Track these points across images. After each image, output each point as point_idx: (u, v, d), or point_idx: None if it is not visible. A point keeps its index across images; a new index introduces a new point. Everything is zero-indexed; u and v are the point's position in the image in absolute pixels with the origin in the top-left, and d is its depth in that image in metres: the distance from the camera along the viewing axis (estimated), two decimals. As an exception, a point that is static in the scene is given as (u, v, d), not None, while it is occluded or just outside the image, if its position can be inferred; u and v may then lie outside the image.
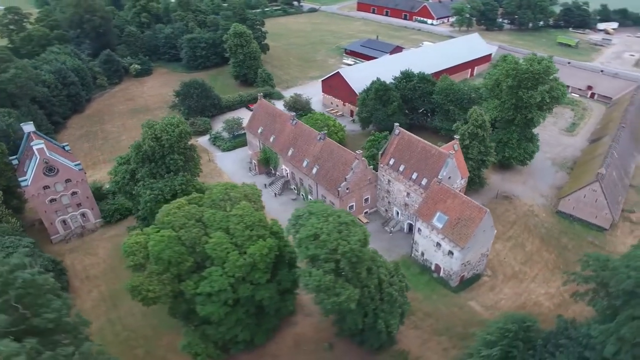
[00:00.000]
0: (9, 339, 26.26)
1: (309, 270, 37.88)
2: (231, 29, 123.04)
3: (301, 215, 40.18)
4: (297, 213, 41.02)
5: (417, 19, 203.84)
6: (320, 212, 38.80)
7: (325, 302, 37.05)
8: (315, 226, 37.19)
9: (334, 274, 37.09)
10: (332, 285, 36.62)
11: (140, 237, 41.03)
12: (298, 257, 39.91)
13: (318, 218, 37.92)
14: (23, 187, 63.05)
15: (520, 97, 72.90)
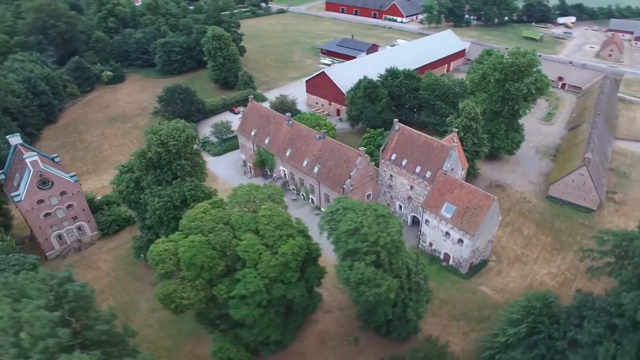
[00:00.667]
0: (78, 352, 25.72)
1: (348, 264, 38.92)
2: (209, 31, 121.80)
3: (335, 211, 41.15)
4: (331, 209, 41.93)
5: (386, 17, 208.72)
6: (356, 206, 39.96)
7: (368, 294, 38.21)
8: (355, 220, 38.32)
9: (374, 265, 38.35)
10: (374, 277, 37.86)
11: (169, 244, 40.63)
12: (335, 252, 40.76)
13: (356, 212, 39.07)
14: (16, 203, 60.30)
15: (507, 90, 76.88)
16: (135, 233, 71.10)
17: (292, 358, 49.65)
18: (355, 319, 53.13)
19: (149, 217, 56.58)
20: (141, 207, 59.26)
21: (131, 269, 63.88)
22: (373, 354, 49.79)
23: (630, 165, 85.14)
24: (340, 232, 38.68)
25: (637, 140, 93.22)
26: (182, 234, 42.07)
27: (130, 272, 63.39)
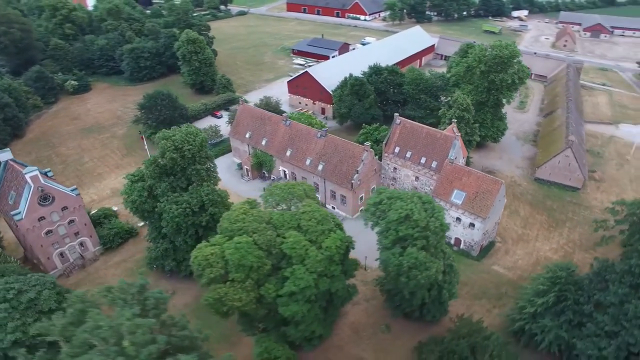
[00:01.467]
0: (171, 358, 25.92)
1: (398, 250, 40.86)
2: (183, 35, 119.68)
3: (379, 202, 42.92)
4: (374, 201, 43.64)
5: (349, 15, 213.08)
6: (402, 195, 42.03)
7: (419, 277, 40.34)
8: (405, 208, 40.34)
9: (423, 250, 40.59)
10: (425, 260, 40.05)
11: (215, 248, 40.75)
12: (382, 241, 42.49)
13: (404, 200, 41.06)
14: (16, 222, 57.34)
15: (492, 80, 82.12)
16: (140, 245, 69.82)
17: (331, 351, 51.02)
18: (384, 308, 55.37)
19: (166, 226, 55.73)
20: (154, 216, 58.21)
21: (151, 284, 62.20)
22: (408, 339, 52.17)
23: (602, 146, 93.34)
24: (391, 221, 40.61)
25: (604, 123, 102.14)
26: (223, 237, 42.30)
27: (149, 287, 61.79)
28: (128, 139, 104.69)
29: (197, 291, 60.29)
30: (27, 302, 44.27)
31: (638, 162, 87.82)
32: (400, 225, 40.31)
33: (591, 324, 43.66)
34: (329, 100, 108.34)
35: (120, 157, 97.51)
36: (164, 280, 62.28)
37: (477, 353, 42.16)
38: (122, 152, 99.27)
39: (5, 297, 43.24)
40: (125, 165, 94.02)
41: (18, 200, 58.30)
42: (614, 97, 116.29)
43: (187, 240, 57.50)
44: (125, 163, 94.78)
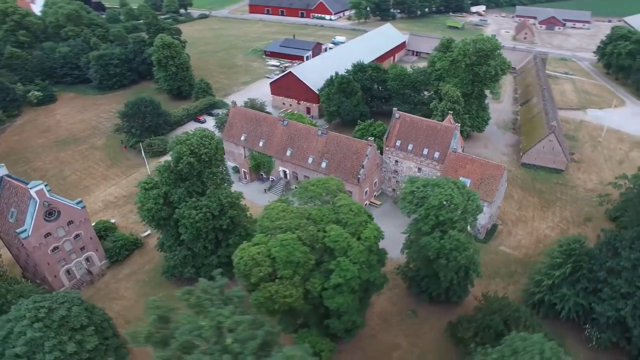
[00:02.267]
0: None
1: (438, 235, 43.34)
2: (157, 40, 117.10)
3: (415, 190, 45.18)
4: (410, 189, 45.77)
5: (314, 15, 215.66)
6: (438, 182, 44.55)
7: (459, 258, 43.03)
8: (444, 193, 42.84)
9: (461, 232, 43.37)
10: (465, 241, 42.74)
11: (260, 247, 41.44)
12: (422, 227, 44.67)
13: (442, 187, 43.53)
14: (22, 240, 54.95)
15: (476, 73, 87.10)
16: (148, 255, 68.63)
17: (365, 340, 52.92)
18: (407, 295, 58.02)
19: (185, 232, 55.40)
20: (170, 224, 57.65)
21: (162, 292, 61.30)
22: (435, 321, 55.04)
23: (576, 130, 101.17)
24: (431, 207, 43.00)
25: (573, 109, 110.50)
26: (265, 236, 43.09)
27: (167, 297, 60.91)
28: (109, 149, 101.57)
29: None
30: (59, 320, 42.99)
31: (609, 143, 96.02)
32: (440, 210, 42.89)
33: (607, 288, 48.24)
34: (314, 100, 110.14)
35: (105, 168, 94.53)
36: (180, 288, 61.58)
37: (511, 325, 45.49)
38: (106, 163, 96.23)
39: (37, 317, 41.80)
40: (112, 176, 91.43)
41: (21, 217, 56.00)
42: (577, 85, 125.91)
43: (206, 245, 57.48)
44: (111, 174, 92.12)
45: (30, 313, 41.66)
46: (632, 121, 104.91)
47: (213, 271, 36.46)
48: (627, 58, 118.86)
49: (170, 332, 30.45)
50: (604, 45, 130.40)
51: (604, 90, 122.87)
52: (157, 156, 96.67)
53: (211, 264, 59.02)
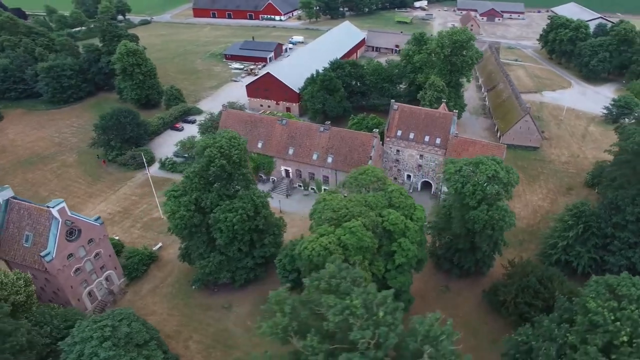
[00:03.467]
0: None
1: (484, 207, 47.79)
2: (120, 48, 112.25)
3: (460, 169, 49.15)
4: (454, 169, 49.57)
5: (264, 17, 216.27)
6: (479, 160, 48.97)
7: (505, 226, 48.00)
8: (491, 169, 47.24)
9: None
10: (509, 212, 47.79)
11: (330, 237, 43.30)
12: (469, 202, 48.66)
13: (485, 164, 47.85)
14: (47, 264, 52.06)
15: (454, 63, 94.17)
16: (166, 268, 67.27)
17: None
18: (436, 272, 62.53)
19: (221, 236, 55.48)
20: (201, 230, 57.37)
21: (194, 302, 61.04)
22: (469, 293, 59.95)
23: (539, 111, 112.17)
24: (478, 183, 47.29)
25: (531, 92, 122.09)
26: (329, 226, 45.05)
27: (195, 305, 60.60)
28: (85, 165, 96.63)
29: (252, 299, 61.15)
30: (125, 337, 42.06)
31: (570, 120, 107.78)
32: (487, 185, 47.36)
33: (616, 241, 55.72)
34: (294, 99, 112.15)
35: (86, 185, 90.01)
36: (216, 297, 61.59)
37: (546, 283, 51.27)
38: (87, 180, 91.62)
39: (104, 336, 40.58)
40: (98, 193, 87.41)
41: (40, 239, 53.14)
42: (528, 70, 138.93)
43: (241, 247, 57.94)
44: (96, 191, 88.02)
45: (96, 333, 40.42)
46: (582, 100, 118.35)
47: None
48: (568, 44, 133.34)
49: (306, 319, 31.72)
50: (546, 33, 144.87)
51: (551, 74, 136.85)
52: (142, 168, 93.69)
53: (246, 266, 59.70)
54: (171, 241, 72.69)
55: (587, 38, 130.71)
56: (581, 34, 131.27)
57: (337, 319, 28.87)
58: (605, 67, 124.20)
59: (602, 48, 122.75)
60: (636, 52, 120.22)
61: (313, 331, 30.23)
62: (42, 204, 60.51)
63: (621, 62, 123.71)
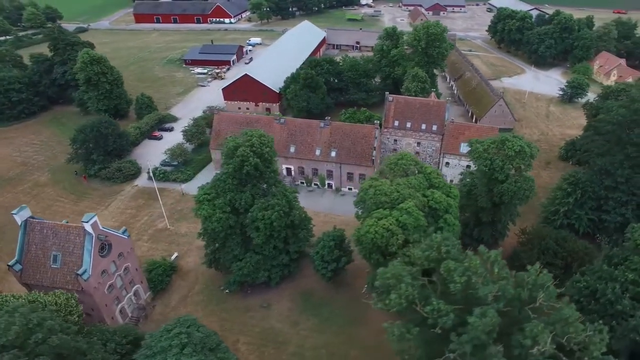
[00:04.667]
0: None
1: (513, 179, 53.04)
2: (82, 56, 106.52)
3: (487, 148, 53.80)
4: (480, 149, 53.92)
5: (213, 20, 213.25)
6: (502, 137, 54.15)
7: (530, 195, 53.96)
8: (518, 144, 52.33)
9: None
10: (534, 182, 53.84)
11: (388, 219, 46.08)
12: (498, 177, 53.43)
13: (510, 141, 52.88)
14: (84, 283, 49.97)
15: (430, 55, 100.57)
16: (189, 277, 66.43)
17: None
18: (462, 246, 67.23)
19: (258, 235, 56.21)
20: (236, 232, 57.70)
21: (229, 306, 61.10)
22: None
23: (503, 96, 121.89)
24: (506, 158, 52.28)
25: (491, 79, 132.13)
26: (379, 212, 47.85)
27: (232, 309, 60.71)
28: (63, 183, 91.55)
29: (289, 295, 62.48)
30: (200, 342, 42.09)
31: (532, 102, 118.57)
32: (513, 160, 52.48)
33: (611, 201, 63.71)
34: (274, 99, 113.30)
35: (72, 203, 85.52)
36: (250, 298, 61.99)
37: (563, 244, 57.74)
38: (70, 199, 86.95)
39: (182, 343, 40.41)
40: (87, 210, 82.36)
41: (70, 259, 50.98)
42: (484, 59, 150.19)
43: (277, 245, 59.01)
44: (85, 208, 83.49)
45: (174, 341, 40.19)
46: (537, 83, 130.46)
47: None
48: (516, 33, 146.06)
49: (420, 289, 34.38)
50: (494, 24, 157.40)
51: (505, 62, 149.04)
52: (129, 180, 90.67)
53: (281, 263, 60.76)
54: (186, 250, 71.90)
55: (533, 27, 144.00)
56: (527, 24, 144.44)
57: (462, 279, 31.87)
58: (551, 53, 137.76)
59: (548, 36, 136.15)
60: (576, 38, 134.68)
61: (434, 296, 33.03)
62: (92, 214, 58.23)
63: (564, 48, 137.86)
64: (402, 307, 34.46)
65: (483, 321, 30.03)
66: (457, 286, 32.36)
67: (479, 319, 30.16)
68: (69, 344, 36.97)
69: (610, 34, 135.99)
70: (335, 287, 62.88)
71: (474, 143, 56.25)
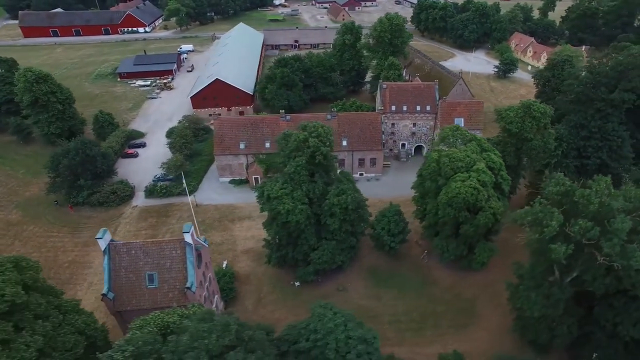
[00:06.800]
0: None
1: (539, 137, 64.11)
2: (21, 75, 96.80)
3: (516, 113, 63.98)
4: (510, 114, 63.97)
5: (124, 30, 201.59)
6: (531, 103, 64.76)
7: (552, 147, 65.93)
8: (541, 107, 63.41)
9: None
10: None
11: (471, 180, 53.71)
12: (528, 135, 64.01)
13: (538, 105, 63.57)
14: (191, 296, 49.33)
15: (395, 44, 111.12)
16: (251, 280, 67.13)
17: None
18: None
19: (334, 221, 59.94)
20: (311, 222, 60.62)
21: (307, 297, 63.35)
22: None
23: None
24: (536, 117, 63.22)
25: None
26: (460, 175, 55.39)
27: (313, 300, 62.51)
28: (45, 217, 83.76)
29: (357, 274, 67.24)
30: (352, 319, 45.57)
31: (474, 81, 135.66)
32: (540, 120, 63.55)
33: (589, 148, 79.00)
34: (247, 102, 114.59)
35: (70, 235, 79.12)
36: (323, 286, 65.26)
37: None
38: (64, 232, 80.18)
39: (343, 321, 43.60)
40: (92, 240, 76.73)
41: (171, 274, 49.95)
42: (415, 47, 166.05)
43: (347, 228, 63.19)
44: (88, 238, 77.53)
45: (337, 321, 43.31)
46: (469, 64, 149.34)
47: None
48: (440, 21, 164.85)
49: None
50: (417, 14, 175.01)
51: (434, 48, 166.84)
52: (125, 202, 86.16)
53: (350, 245, 65.00)
54: (232, 257, 72.03)
55: (454, 15, 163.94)
56: (449, 12, 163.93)
57: (597, 200, 40.98)
58: (474, 37, 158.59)
59: (470, 22, 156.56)
60: (493, 22, 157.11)
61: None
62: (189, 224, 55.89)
63: (484, 32, 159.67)
64: (554, 234, 42.23)
65: (623, 225, 39.46)
66: (595, 206, 41.35)
67: (621, 224, 39.52)
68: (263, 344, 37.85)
69: (518, 17, 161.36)
70: (395, 259, 68.94)
71: (504, 111, 66.82)
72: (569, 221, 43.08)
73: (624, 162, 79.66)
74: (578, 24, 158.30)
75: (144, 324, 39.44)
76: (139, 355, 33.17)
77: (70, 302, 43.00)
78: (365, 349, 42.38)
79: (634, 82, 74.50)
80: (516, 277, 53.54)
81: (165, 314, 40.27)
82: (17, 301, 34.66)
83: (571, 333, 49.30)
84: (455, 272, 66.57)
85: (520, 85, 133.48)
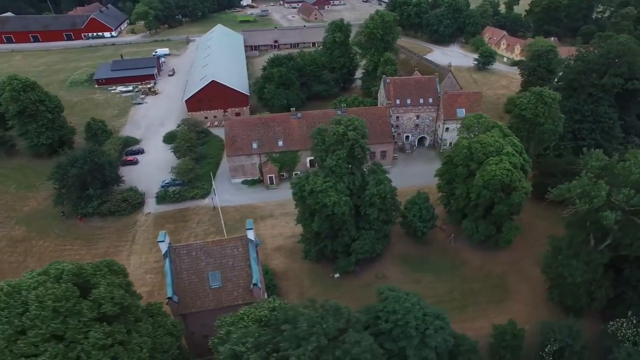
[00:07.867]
0: None
1: (550, 121, 69.73)
2: (9, 85, 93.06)
3: (530, 100, 69.15)
4: (525, 101, 69.08)
5: (88, 35, 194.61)
6: (543, 90, 70.13)
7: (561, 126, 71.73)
8: (552, 93, 68.96)
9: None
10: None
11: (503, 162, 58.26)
12: (541, 119, 69.48)
13: (549, 92, 69.14)
14: (258, 292, 50.60)
15: (387, 41, 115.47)
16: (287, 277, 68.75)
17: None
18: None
19: (373, 211, 62.82)
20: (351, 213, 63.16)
21: (347, 288, 66.06)
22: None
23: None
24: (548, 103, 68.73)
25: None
26: (492, 158, 59.80)
27: (353, 290, 65.81)
28: (53, 230, 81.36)
29: (392, 261, 70.47)
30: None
31: (456, 73, 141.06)
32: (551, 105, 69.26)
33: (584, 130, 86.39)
34: (243, 103, 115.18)
35: (86, 247, 77.45)
36: (361, 276, 67.90)
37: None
38: (78, 244, 78.27)
39: (417, 300, 46.59)
40: (114, 250, 76.51)
41: (234, 272, 51.07)
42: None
43: (383, 217, 66.18)
44: (109, 247, 77.07)
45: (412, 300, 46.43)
46: (448, 58, 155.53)
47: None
48: (415, 17, 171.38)
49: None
50: (391, 11, 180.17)
51: (411, 44, 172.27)
52: (136, 209, 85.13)
53: (386, 233, 68.08)
54: (265, 255, 72.92)
55: (428, 11, 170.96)
56: (423, 8, 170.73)
57: (636, 176, 46.13)
58: (449, 32, 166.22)
59: (444, 17, 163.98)
60: (466, 17, 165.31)
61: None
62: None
63: (458, 26, 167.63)
64: (603, 203, 47.01)
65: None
66: (636, 175, 46.63)
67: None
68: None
69: (488, 11, 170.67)
70: (424, 244, 72.62)
71: (517, 99, 72.24)
72: (611, 192, 48.20)
73: (614, 142, 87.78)
74: (542, 17, 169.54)
75: (236, 319, 40.58)
76: (258, 346, 34.56)
77: (155, 305, 43.26)
78: (440, 324, 45.51)
79: (622, 68, 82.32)
80: (551, 249, 58.45)
81: (255, 309, 41.56)
82: (125, 304, 35.04)
83: (607, 295, 54.71)
84: (482, 252, 71.18)
85: (500, 77, 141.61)
